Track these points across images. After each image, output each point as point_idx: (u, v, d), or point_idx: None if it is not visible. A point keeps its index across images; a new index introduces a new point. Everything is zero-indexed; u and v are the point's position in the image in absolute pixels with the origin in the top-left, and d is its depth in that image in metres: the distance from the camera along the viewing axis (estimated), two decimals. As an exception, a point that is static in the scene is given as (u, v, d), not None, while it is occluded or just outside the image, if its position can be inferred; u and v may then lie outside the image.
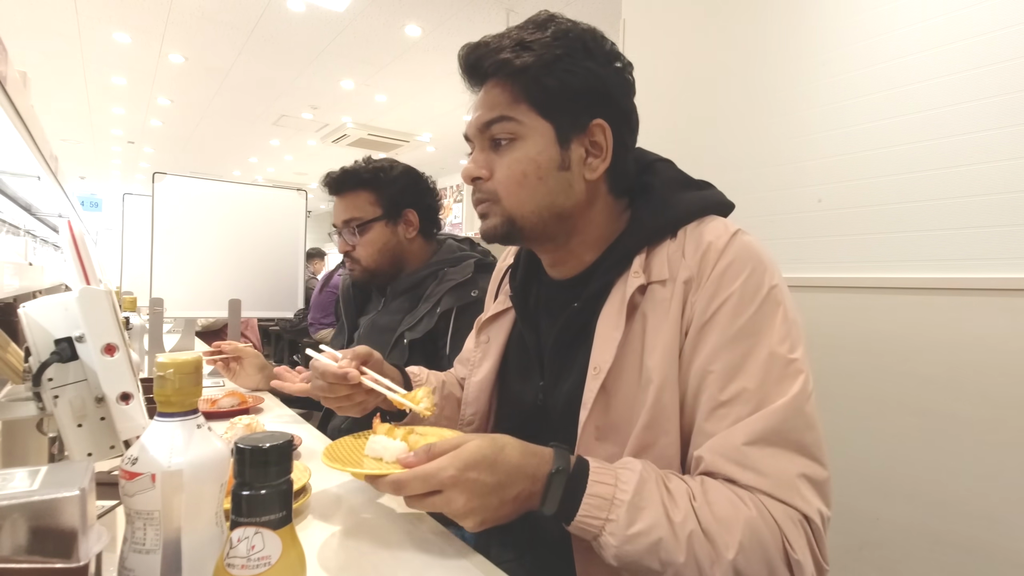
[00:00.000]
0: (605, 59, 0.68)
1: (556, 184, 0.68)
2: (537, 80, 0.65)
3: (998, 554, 1.24)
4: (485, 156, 0.70)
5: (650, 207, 0.70)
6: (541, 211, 0.68)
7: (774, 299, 0.61)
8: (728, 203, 0.72)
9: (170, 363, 0.42)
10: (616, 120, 0.69)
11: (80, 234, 0.59)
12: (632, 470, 0.57)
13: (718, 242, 0.63)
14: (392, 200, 1.27)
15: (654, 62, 2.02)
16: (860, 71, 1.50)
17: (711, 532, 0.53)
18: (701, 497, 0.55)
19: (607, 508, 0.54)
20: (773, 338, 0.59)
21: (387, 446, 0.65)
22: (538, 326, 0.79)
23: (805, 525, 0.55)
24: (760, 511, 0.54)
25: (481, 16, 4.13)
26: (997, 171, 1.27)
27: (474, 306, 1.17)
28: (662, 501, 0.55)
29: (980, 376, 1.27)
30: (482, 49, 0.68)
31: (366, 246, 1.26)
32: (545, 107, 0.66)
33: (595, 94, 0.67)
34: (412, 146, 7.92)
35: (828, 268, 1.55)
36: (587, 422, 0.65)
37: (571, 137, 0.67)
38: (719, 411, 0.59)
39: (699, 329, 0.62)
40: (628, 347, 0.65)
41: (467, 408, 0.86)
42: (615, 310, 0.66)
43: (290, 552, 0.36)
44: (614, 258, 0.69)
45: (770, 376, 0.58)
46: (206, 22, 4.36)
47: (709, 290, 0.62)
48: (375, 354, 0.82)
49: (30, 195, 1.54)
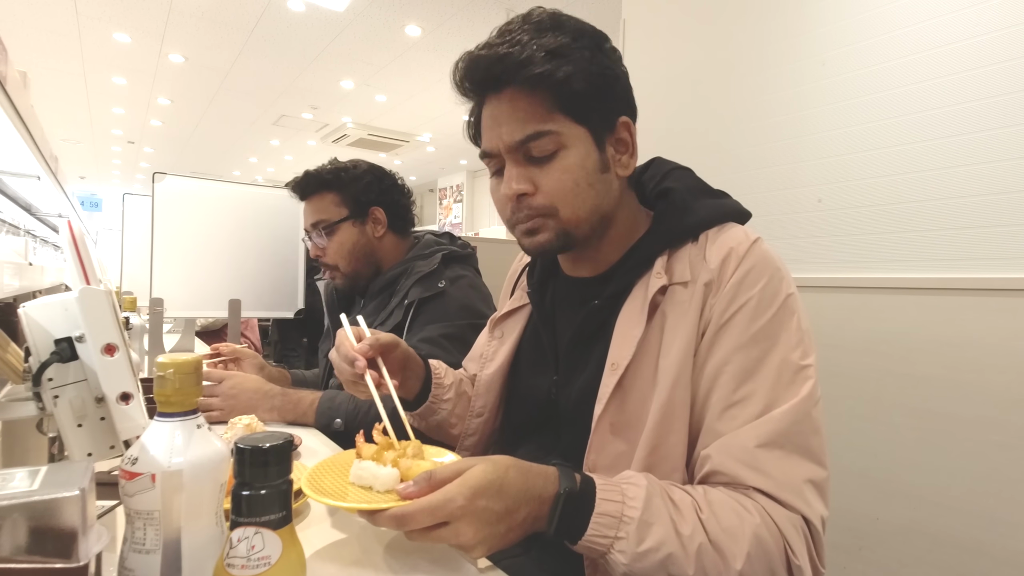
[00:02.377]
0: (612, 52, 0.69)
1: (603, 187, 0.68)
2: (571, 87, 0.63)
3: (998, 554, 1.24)
4: (524, 170, 0.67)
5: (673, 211, 0.71)
6: (592, 217, 0.68)
7: (789, 307, 0.63)
8: (745, 212, 0.74)
9: (170, 363, 0.42)
10: (633, 115, 0.72)
11: (80, 234, 0.59)
12: (638, 485, 0.56)
13: (739, 248, 0.65)
14: (356, 199, 1.26)
15: (654, 62, 2.02)
16: (860, 71, 1.50)
17: (719, 544, 0.54)
18: (707, 509, 0.56)
19: (615, 526, 0.54)
20: (787, 344, 0.61)
21: (376, 474, 0.59)
22: (553, 322, 0.80)
23: (805, 530, 0.57)
24: (764, 518, 0.55)
25: (481, 16, 4.13)
26: (997, 171, 1.27)
27: (438, 297, 1.16)
28: (670, 516, 0.55)
29: (980, 376, 1.27)
30: (502, 61, 0.64)
31: (337, 248, 1.26)
32: (580, 113, 0.65)
33: (617, 92, 0.69)
34: (412, 146, 7.93)
35: (828, 268, 1.55)
36: (602, 417, 0.66)
37: (604, 138, 0.68)
38: (730, 411, 0.60)
39: (716, 331, 0.63)
40: (646, 345, 0.65)
41: (477, 400, 0.87)
42: (636, 308, 0.67)
43: (290, 552, 0.36)
44: (637, 259, 0.70)
45: (781, 380, 0.60)
46: (206, 22, 4.36)
47: (729, 294, 0.63)
48: (402, 344, 0.78)
49: (30, 195, 1.54)
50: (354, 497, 0.57)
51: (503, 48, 0.64)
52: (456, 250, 1.28)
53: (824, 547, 0.58)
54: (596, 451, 0.66)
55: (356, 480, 0.60)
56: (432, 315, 1.15)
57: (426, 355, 0.88)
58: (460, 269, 1.25)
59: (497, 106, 0.67)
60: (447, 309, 1.16)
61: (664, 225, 0.71)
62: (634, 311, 0.67)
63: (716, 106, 1.83)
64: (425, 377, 0.85)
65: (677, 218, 0.70)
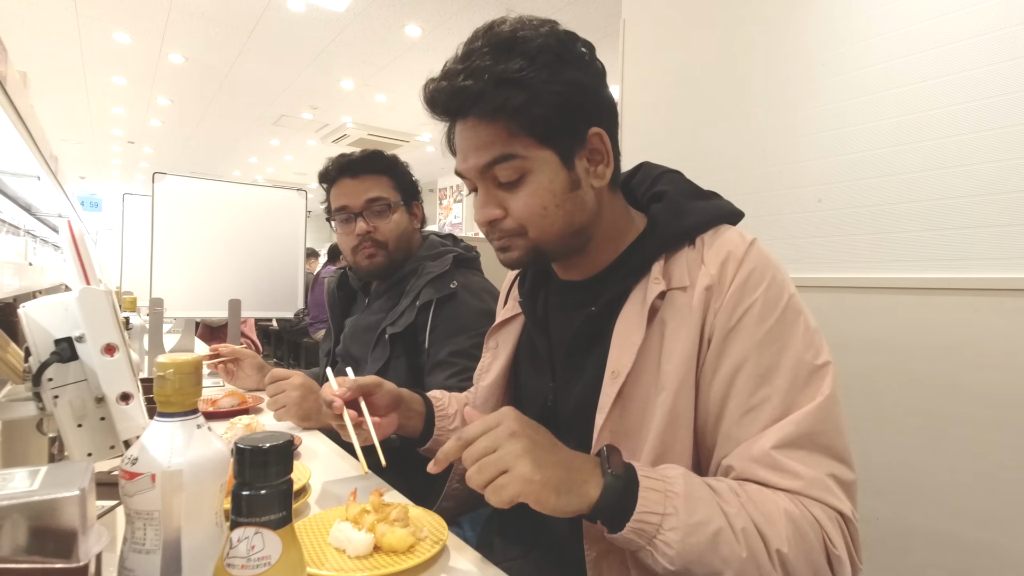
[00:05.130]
0: (579, 60, 0.66)
1: (573, 205, 0.67)
2: (530, 113, 0.63)
3: (998, 554, 1.24)
4: (493, 195, 0.68)
5: (667, 215, 0.70)
6: (563, 234, 0.68)
7: (794, 307, 0.63)
8: (737, 212, 0.73)
9: (170, 363, 0.42)
10: (607, 120, 0.69)
11: (80, 234, 0.59)
12: (674, 469, 0.57)
13: (737, 251, 0.64)
14: (406, 190, 1.29)
15: (654, 62, 2.02)
16: (860, 71, 1.50)
17: (760, 526, 0.53)
18: (744, 494, 0.55)
19: (662, 502, 0.53)
20: (798, 345, 0.60)
21: (351, 538, 0.60)
22: (548, 328, 0.79)
23: (841, 523, 0.56)
24: (800, 508, 0.55)
25: (481, 16, 4.11)
26: (997, 171, 1.27)
27: (453, 298, 1.17)
28: (712, 495, 0.55)
29: (980, 376, 1.27)
30: (459, 96, 0.64)
31: (392, 227, 1.25)
32: (543, 136, 0.65)
33: (583, 104, 0.66)
34: (412, 146, 7.92)
35: (828, 268, 1.55)
36: (604, 426, 0.65)
37: (573, 155, 0.67)
38: (749, 415, 0.59)
39: (724, 336, 0.62)
40: (647, 352, 0.65)
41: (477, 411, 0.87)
42: (635, 314, 0.66)
43: (290, 552, 0.36)
44: (632, 264, 0.69)
45: (797, 382, 0.59)
46: (206, 22, 4.36)
47: (733, 299, 0.62)
48: (385, 385, 0.81)
49: (30, 195, 1.54)
50: (327, 559, 0.59)
51: (460, 80, 0.63)
52: (463, 252, 1.28)
53: (861, 544, 0.57)
54: None
55: (333, 541, 0.62)
56: (454, 323, 1.15)
57: (462, 369, 1.02)
58: (469, 273, 1.25)
59: (463, 132, 0.68)
60: (468, 317, 1.15)
61: (659, 230, 0.70)
62: (633, 317, 0.66)
63: (716, 106, 1.83)
64: (427, 413, 0.87)
65: (672, 222, 0.69)
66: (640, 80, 2.07)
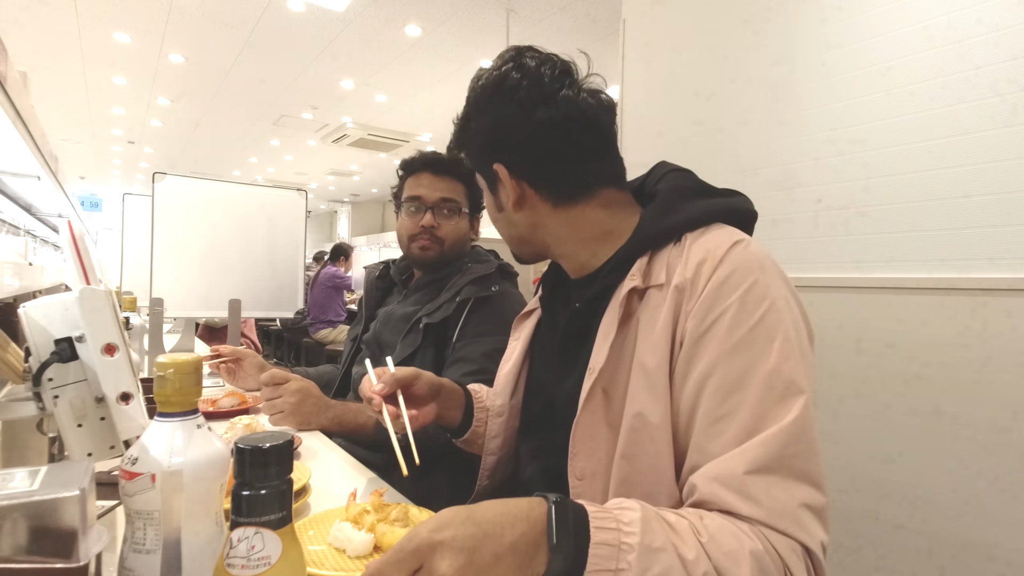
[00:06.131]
0: (512, 92, 0.71)
1: (505, 223, 0.79)
2: None
3: (998, 554, 1.24)
4: None
5: (654, 213, 0.71)
6: (511, 241, 0.81)
7: (777, 314, 0.58)
8: (743, 210, 0.71)
9: (170, 363, 0.42)
10: (516, 151, 0.73)
11: (80, 234, 0.59)
12: (632, 509, 0.52)
13: (716, 251, 0.62)
14: (475, 202, 1.35)
15: (654, 62, 2.02)
16: (860, 71, 1.50)
17: (722, 568, 0.50)
18: (706, 533, 0.52)
19: (615, 557, 0.48)
20: (774, 355, 0.57)
21: (351, 538, 0.60)
22: (555, 323, 0.82)
23: (806, 557, 0.53)
24: (764, 543, 0.52)
25: (481, 16, 4.13)
26: (998, 171, 1.27)
27: (492, 301, 1.21)
28: (671, 540, 0.50)
29: (980, 376, 1.27)
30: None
31: (454, 228, 1.31)
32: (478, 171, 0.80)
33: (495, 143, 0.74)
34: (412, 146, 7.92)
35: (828, 268, 1.55)
36: (579, 419, 0.66)
37: (494, 184, 0.76)
38: (716, 426, 0.57)
39: (695, 341, 0.60)
40: (622, 350, 0.65)
41: (496, 399, 0.89)
42: (612, 312, 0.66)
43: (290, 552, 0.36)
44: (617, 261, 0.70)
45: (770, 395, 0.56)
46: (206, 22, 4.36)
47: (706, 302, 0.60)
48: (424, 375, 0.82)
49: (30, 195, 1.54)
50: (327, 559, 0.59)
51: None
52: (506, 265, 1.33)
53: (826, 573, 0.55)
54: (576, 453, 0.67)
55: (333, 541, 0.62)
56: (485, 324, 1.19)
57: (480, 369, 1.05)
58: (509, 284, 1.31)
59: None
60: (500, 322, 1.17)
61: (642, 228, 0.70)
62: (609, 314, 0.66)
63: (715, 106, 1.83)
64: (466, 403, 0.89)
65: (656, 219, 0.69)
66: (640, 80, 2.07)
